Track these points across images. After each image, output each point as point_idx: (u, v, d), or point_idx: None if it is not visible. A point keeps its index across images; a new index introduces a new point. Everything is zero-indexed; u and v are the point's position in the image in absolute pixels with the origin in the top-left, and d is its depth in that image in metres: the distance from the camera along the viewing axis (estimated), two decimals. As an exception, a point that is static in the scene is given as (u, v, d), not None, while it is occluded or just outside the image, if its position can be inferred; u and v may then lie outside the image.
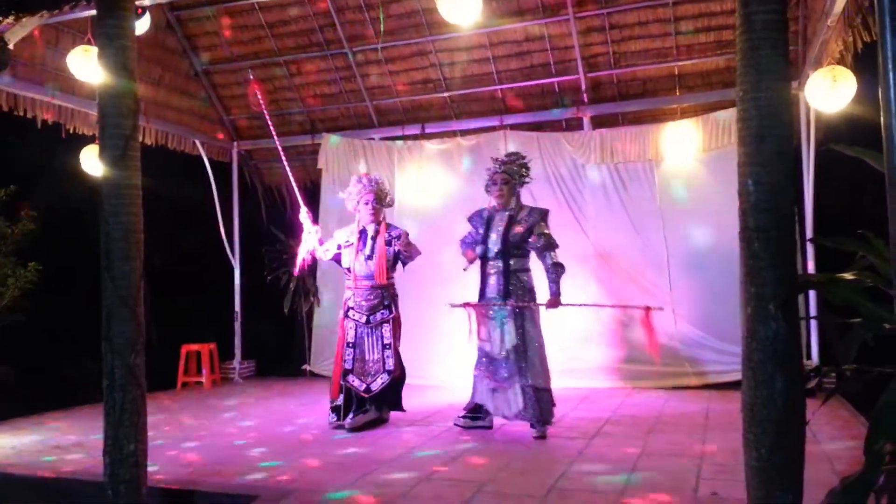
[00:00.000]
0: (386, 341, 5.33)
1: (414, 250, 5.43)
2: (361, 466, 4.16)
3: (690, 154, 7.06)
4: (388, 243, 5.38)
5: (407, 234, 5.52)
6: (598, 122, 7.57)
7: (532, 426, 4.89)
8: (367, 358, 5.33)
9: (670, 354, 6.93)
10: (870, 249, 2.00)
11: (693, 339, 6.90)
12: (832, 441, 4.40)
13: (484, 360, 5.04)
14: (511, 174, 5.11)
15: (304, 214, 5.68)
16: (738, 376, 2.10)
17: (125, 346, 2.94)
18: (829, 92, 5.21)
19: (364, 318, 5.35)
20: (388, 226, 5.52)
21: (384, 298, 5.38)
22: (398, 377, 5.43)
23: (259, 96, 6.25)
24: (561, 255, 7.12)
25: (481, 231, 5.15)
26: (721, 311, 6.50)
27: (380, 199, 5.45)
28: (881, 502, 1.87)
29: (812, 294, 6.10)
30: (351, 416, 5.27)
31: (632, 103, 7.49)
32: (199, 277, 9.09)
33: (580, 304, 5.52)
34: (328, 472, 4.07)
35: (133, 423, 2.93)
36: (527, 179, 5.25)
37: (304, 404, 6.58)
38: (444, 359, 7.19)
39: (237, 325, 8.56)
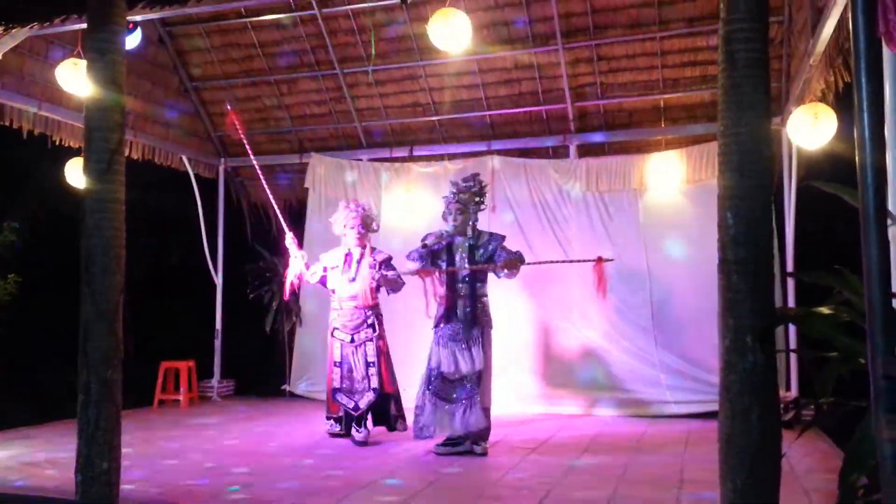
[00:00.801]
0: (370, 359, 5.49)
1: (394, 284, 5.53)
2: (338, 490, 4.11)
3: (674, 185, 7.14)
4: (373, 266, 5.55)
5: (389, 259, 5.66)
6: (584, 151, 7.65)
7: (475, 444, 5.07)
8: (353, 376, 5.51)
9: (651, 383, 6.95)
10: (845, 285, 2.03)
11: (675, 367, 6.91)
12: (809, 473, 4.41)
13: (437, 380, 5.12)
14: (465, 203, 5.25)
15: (289, 240, 5.82)
16: (717, 406, 2.11)
17: (102, 360, 2.91)
18: (810, 129, 5.30)
19: (349, 338, 5.54)
20: (373, 249, 5.69)
21: (367, 318, 5.55)
22: (387, 394, 5.50)
23: (237, 125, 6.30)
24: (544, 281, 7.15)
25: (433, 249, 5.23)
26: (702, 340, 6.53)
27: (366, 225, 5.67)
28: (854, 536, 1.88)
29: (793, 327, 6.14)
30: (357, 428, 5.45)
31: (618, 133, 7.58)
32: (180, 293, 9.01)
33: (533, 263, 5.65)
34: (303, 494, 4.02)
35: (107, 441, 2.89)
36: (482, 206, 5.40)
37: (282, 424, 6.51)
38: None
39: (217, 343, 8.48)
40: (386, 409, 5.53)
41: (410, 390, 7.24)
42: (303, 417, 6.78)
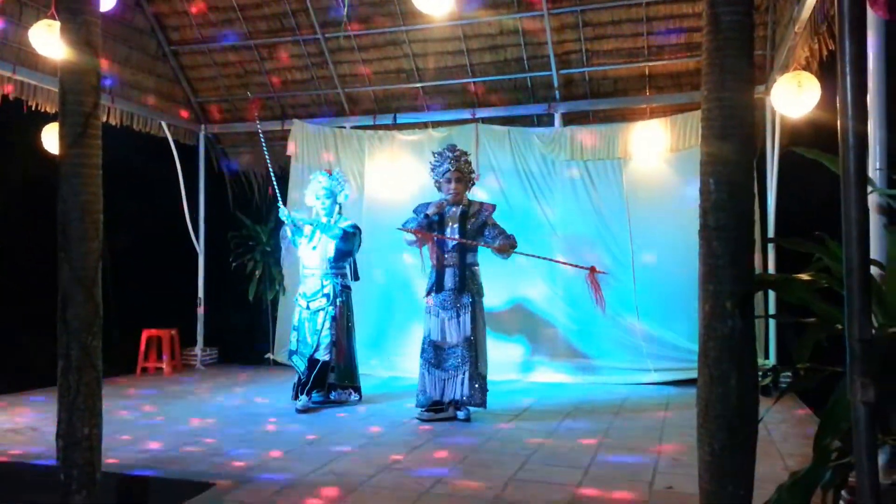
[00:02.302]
0: (318, 327, 5.59)
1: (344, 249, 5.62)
2: (321, 456, 4.14)
3: (658, 154, 7.14)
4: (336, 237, 5.62)
5: (354, 231, 5.69)
6: (568, 119, 7.62)
7: (458, 410, 5.15)
8: (307, 341, 5.61)
9: (632, 351, 7.02)
10: (825, 251, 2.04)
11: (655, 336, 6.99)
12: (785, 439, 4.50)
13: (430, 350, 5.22)
14: (463, 172, 5.33)
15: (283, 213, 5.79)
16: (696, 373, 2.13)
17: (81, 327, 2.87)
18: (793, 97, 5.30)
19: (305, 304, 5.67)
20: (338, 218, 5.74)
21: (323, 287, 5.63)
22: (324, 363, 5.55)
23: (255, 115, 6.19)
24: (528, 248, 7.20)
25: (433, 220, 5.30)
26: (683, 309, 6.59)
27: (332, 195, 5.74)
28: (827, 497, 1.92)
29: (772, 295, 6.22)
30: (302, 397, 5.56)
31: (602, 101, 7.55)
32: (162, 262, 8.92)
33: (527, 255, 5.78)
34: (287, 460, 4.05)
35: (88, 407, 2.86)
36: (474, 176, 5.52)
37: (266, 392, 6.53)
38: (411, 350, 7.20)
39: (200, 311, 8.45)
40: (321, 377, 5.58)
41: (394, 360, 7.39)
42: (286, 385, 6.79)
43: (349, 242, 5.64)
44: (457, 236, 5.26)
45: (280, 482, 3.57)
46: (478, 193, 6.95)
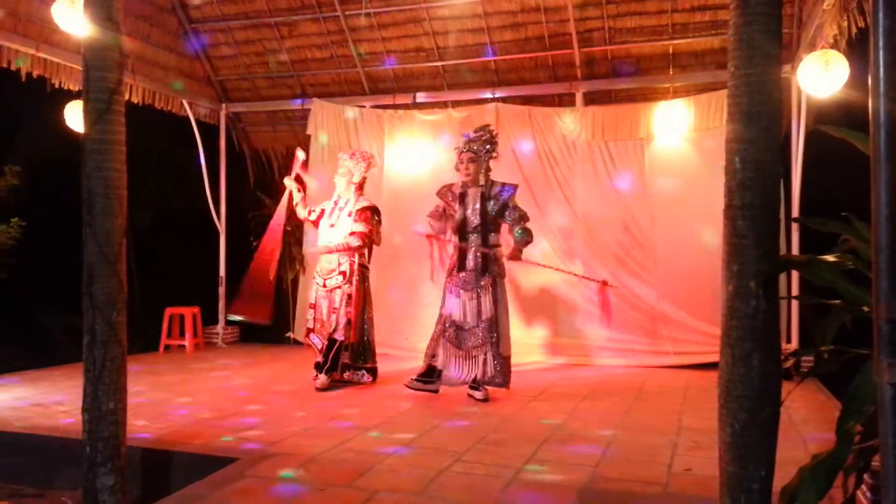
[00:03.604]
0: (335, 306, 5.58)
1: (367, 238, 5.62)
2: (340, 433, 4.18)
3: (681, 134, 7.05)
4: (350, 216, 5.64)
5: (373, 210, 5.70)
6: (590, 99, 7.54)
7: (474, 389, 5.17)
8: (324, 319, 5.63)
9: (652, 333, 6.99)
10: (852, 231, 2.00)
11: (675, 318, 6.95)
12: (807, 423, 4.47)
13: (451, 328, 5.20)
14: (476, 152, 5.28)
15: (289, 181, 5.87)
16: (718, 357, 2.12)
17: (106, 302, 2.91)
18: (821, 76, 5.20)
19: (322, 282, 5.67)
20: (360, 199, 5.74)
21: (340, 265, 5.62)
22: (340, 343, 5.56)
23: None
24: (548, 231, 7.18)
25: (456, 206, 5.31)
26: (705, 291, 6.54)
27: (351, 174, 5.74)
28: (849, 480, 1.90)
29: (795, 277, 6.15)
30: (317, 374, 5.60)
31: (625, 80, 7.45)
32: (184, 241, 9.03)
33: (539, 265, 5.82)
34: (306, 437, 4.10)
35: (113, 381, 2.91)
36: (493, 154, 5.40)
37: (287, 370, 6.60)
38: (425, 330, 7.22)
39: (222, 290, 8.53)
40: (337, 356, 5.59)
41: (410, 339, 7.40)
42: (306, 363, 6.86)
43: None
44: (477, 218, 5.23)
45: (300, 459, 3.62)
46: (495, 174, 6.93)
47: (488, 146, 5.34)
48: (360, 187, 5.81)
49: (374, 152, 7.94)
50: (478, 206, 5.25)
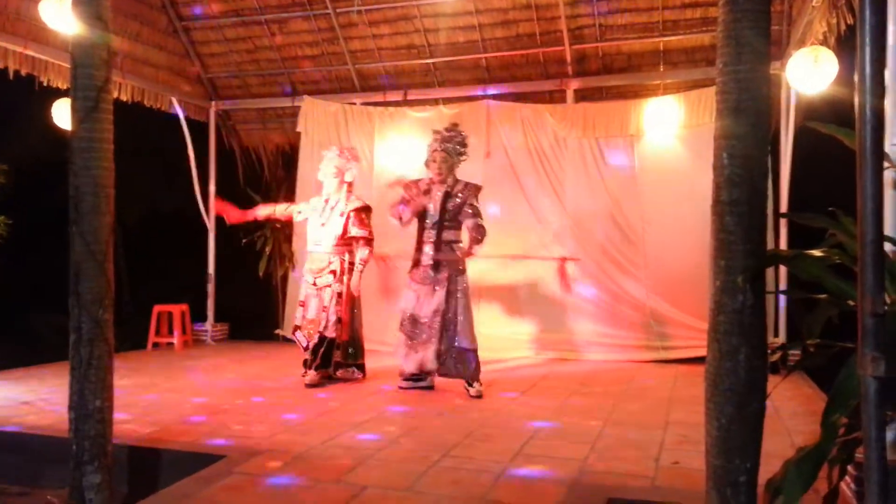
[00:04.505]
0: (325, 304, 5.60)
1: (371, 240, 5.68)
2: (329, 429, 4.18)
3: (671, 131, 7.07)
4: (342, 215, 5.64)
5: (364, 209, 5.72)
6: (581, 96, 7.55)
7: (469, 385, 5.21)
8: (311, 318, 5.63)
9: (641, 328, 7.02)
10: (838, 226, 2.02)
11: (664, 313, 6.98)
12: (793, 416, 4.50)
13: (408, 323, 5.34)
14: (449, 152, 5.39)
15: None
16: (705, 351, 2.13)
17: (93, 300, 2.90)
18: (810, 72, 5.23)
19: (312, 281, 5.68)
20: (351, 197, 5.74)
21: (330, 263, 5.63)
22: (331, 340, 5.57)
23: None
24: (539, 228, 7.20)
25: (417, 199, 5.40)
26: (693, 287, 6.56)
27: (342, 173, 5.74)
28: (833, 472, 1.92)
29: (783, 272, 6.18)
30: (305, 370, 5.63)
31: (616, 77, 7.47)
32: (173, 238, 9.00)
33: (494, 256, 5.94)
34: (295, 433, 4.09)
35: (99, 379, 2.90)
36: (463, 157, 5.52)
37: (276, 367, 6.57)
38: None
39: (210, 287, 8.49)
40: (328, 354, 5.59)
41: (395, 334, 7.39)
42: (295, 360, 6.84)
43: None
44: (437, 215, 5.33)
45: (288, 455, 3.61)
46: (487, 171, 6.96)
47: (460, 148, 5.46)
48: (351, 186, 5.80)
49: (363, 149, 7.96)
50: (439, 203, 5.34)
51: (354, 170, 5.84)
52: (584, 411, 4.74)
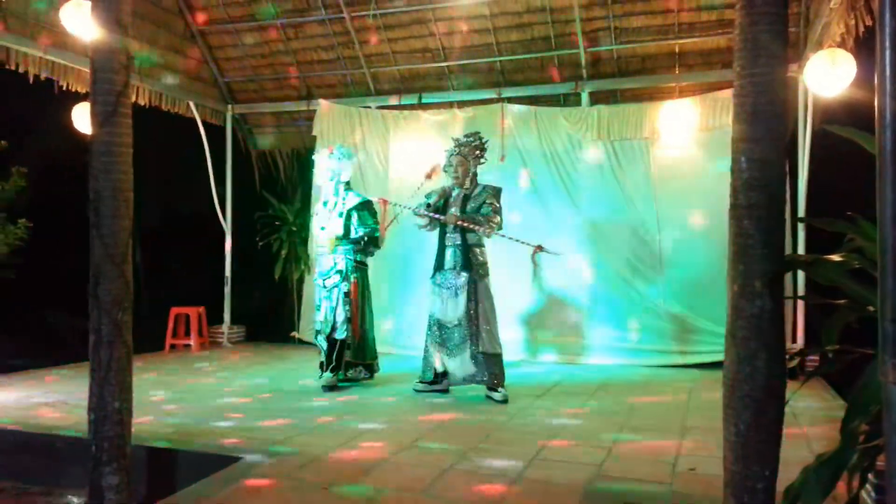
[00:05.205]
0: (333, 305, 5.62)
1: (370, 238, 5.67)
2: (345, 432, 4.19)
3: (687, 134, 7.03)
4: (344, 215, 5.65)
5: (365, 204, 5.72)
6: (596, 99, 7.53)
7: (492, 390, 5.20)
8: (327, 320, 5.65)
9: (658, 333, 6.98)
10: (857, 231, 2.00)
11: (680, 318, 6.94)
12: (812, 423, 4.45)
13: (435, 328, 5.36)
14: (465, 157, 5.45)
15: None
16: (723, 356, 2.11)
17: (112, 303, 2.92)
18: (827, 75, 5.18)
19: (322, 283, 5.71)
20: (348, 196, 5.74)
21: (336, 264, 5.65)
22: (341, 341, 5.58)
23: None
24: (554, 230, 7.18)
25: (438, 206, 5.45)
26: (710, 291, 6.52)
27: (335, 175, 5.76)
28: (853, 480, 1.90)
29: (801, 277, 6.13)
30: (326, 374, 5.61)
31: (631, 80, 7.44)
32: (190, 241, 9.05)
33: (474, 227, 5.53)
34: (311, 436, 4.11)
35: (119, 381, 2.92)
36: (482, 161, 5.55)
37: (291, 370, 6.61)
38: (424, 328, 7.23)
39: (227, 290, 8.55)
40: (340, 356, 5.60)
41: (415, 337, 7.39)
42: (311, 362, 6.87)
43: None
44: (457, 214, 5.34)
45: (304, 457, 3.63)
46: (502, 174, 6.95)
47: (477, 151, 5.50)
48: (348, 183, 5.83)
49: (378, 152, 7.99)
50: (459, 206, 5.39)
51: (349, 168, 5.86)
52: (600, 416, 4.72)
